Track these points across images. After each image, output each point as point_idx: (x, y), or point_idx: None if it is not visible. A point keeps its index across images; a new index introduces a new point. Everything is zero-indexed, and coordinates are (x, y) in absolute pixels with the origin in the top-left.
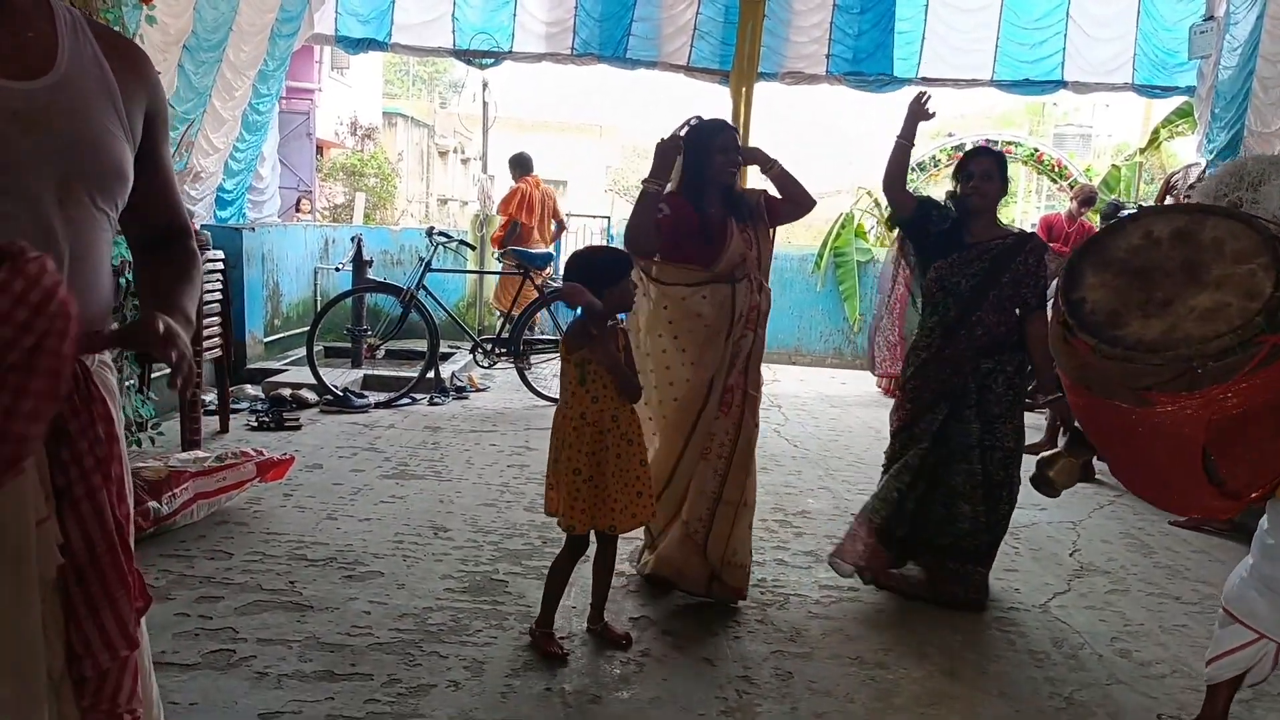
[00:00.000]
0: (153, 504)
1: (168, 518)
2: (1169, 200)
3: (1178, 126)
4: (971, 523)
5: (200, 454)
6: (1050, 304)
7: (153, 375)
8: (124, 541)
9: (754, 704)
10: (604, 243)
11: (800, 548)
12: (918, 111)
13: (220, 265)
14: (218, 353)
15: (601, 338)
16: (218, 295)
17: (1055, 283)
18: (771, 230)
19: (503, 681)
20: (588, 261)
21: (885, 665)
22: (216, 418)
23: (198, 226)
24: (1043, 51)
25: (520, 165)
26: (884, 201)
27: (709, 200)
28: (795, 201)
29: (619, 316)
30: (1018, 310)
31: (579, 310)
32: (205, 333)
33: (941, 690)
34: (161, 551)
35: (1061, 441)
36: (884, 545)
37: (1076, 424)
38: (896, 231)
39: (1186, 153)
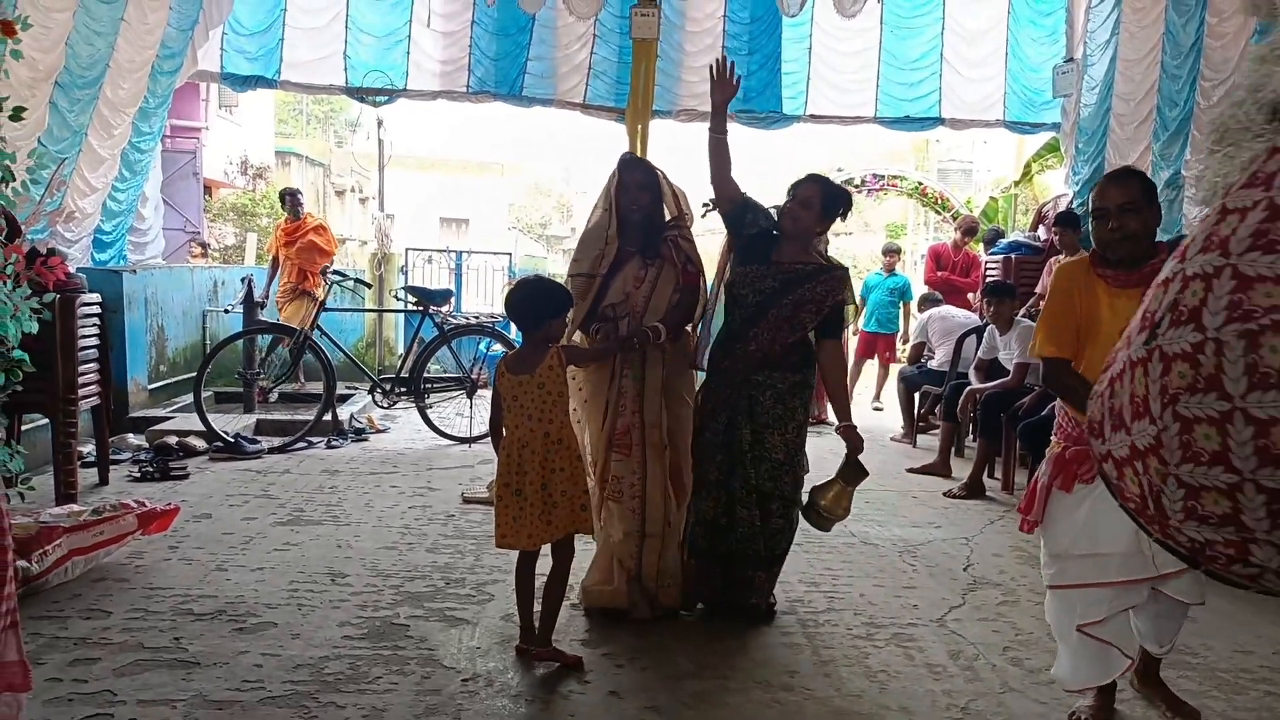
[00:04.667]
0: (21, 563)
1: (38, 577)
2: (1041, 229)
3: (1047, 160)
4: (748, 528)
5: (76, 508)
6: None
7: (23, 427)
8: None
9: None
10: (505, 280)
11: None
12: (718, 100)
13: (97, 310)
14: (95, 401)
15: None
16: (94, 341)
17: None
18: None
19: None
20: (539, 292)
21: (790, 688)
22: (95, 470)
23: (71, 269)
24: (920, 90)
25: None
26: None
27: (631, 235)
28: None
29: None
30: (810, 334)
31: (484, 346)
32: (81, 380)
33: (844, 708)
34: (32, 614)
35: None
36: (702, 564)
37: (858, 455)
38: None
39: (1056, 184)
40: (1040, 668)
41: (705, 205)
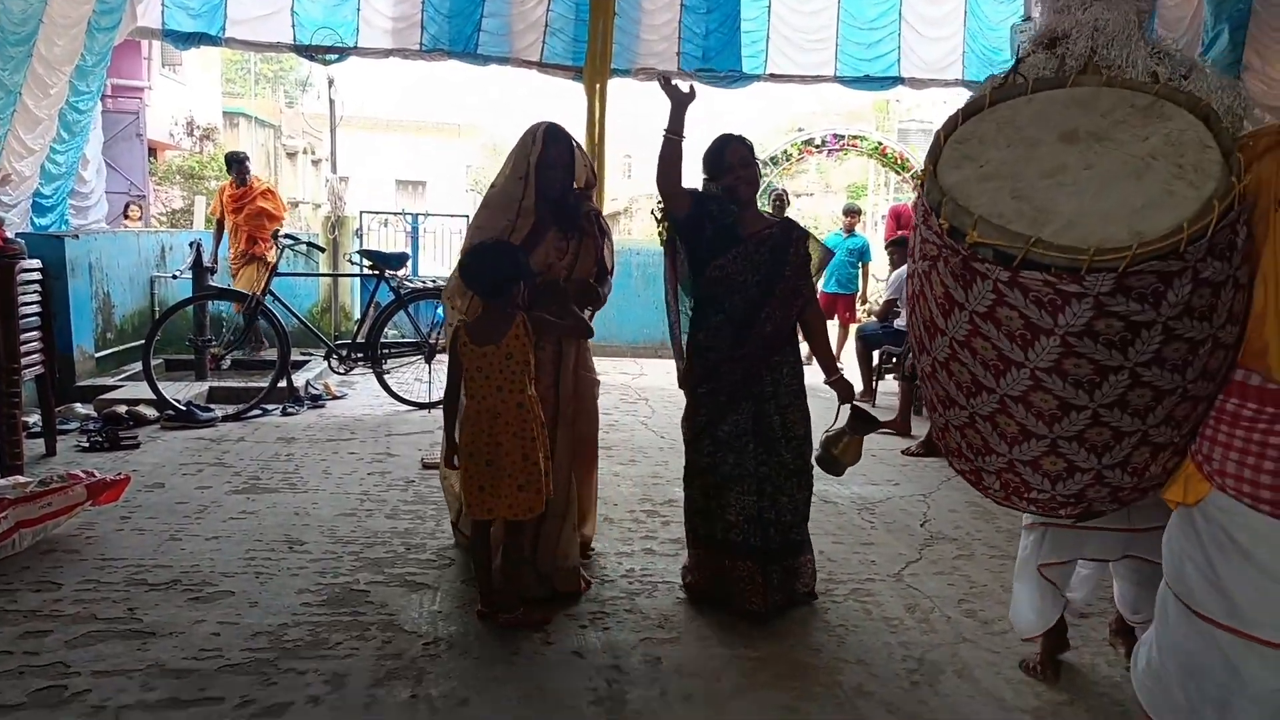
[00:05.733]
0: None
1: None
2: None
3: None
4: (791, 514)
5: (22, 479)
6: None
7: None
8: None
9: (623, 691)
10: (463, 242)
11: (668, 535)
12: (679, 99)
13: (38, 276)
14: (39, 370)
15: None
16: (36, 308)
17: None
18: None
19: (365, 692)
20: (497, 258)
21: (751, 644)
22: (41, 440)
23: (10, 234)
24: (879, 50)
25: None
26: None
27: (543, 207)
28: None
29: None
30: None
31: (442, 310)
32: (24, 348)
33: (803, 663)
34: None
35: (846, 416)
36: (755, 565)
37: (856, 403)
38: (664, 228)
39: None
40: (994, 619)
41: (656, 216)
